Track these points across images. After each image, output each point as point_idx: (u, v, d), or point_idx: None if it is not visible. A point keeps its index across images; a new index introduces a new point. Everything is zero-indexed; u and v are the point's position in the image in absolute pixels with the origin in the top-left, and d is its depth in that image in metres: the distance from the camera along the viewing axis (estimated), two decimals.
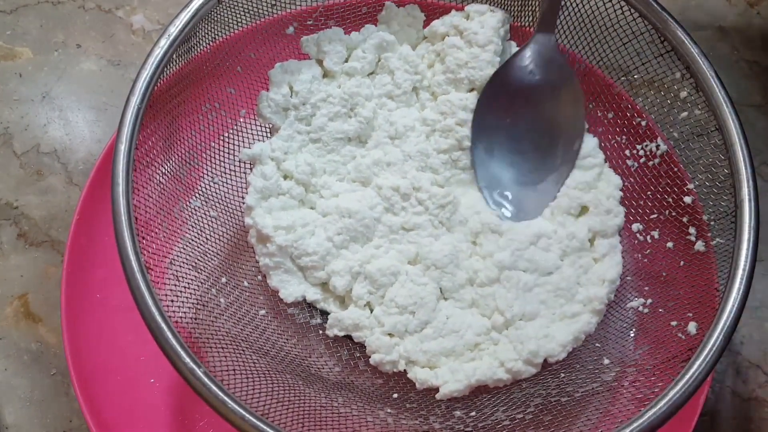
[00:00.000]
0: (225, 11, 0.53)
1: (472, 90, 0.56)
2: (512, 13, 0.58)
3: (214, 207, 0.55)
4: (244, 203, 0.54)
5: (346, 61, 0.57)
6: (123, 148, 0.47)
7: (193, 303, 0.50)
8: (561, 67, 0.56)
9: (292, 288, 0.54)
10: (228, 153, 0.57)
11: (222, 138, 0.56)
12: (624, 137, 0.57)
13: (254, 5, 0.55)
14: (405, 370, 0.52)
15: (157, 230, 0.49)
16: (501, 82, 0.56)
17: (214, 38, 0.54)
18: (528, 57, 0.56)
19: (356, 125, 0.56)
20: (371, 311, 0.53)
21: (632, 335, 0.54)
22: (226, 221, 0.55)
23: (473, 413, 0.51)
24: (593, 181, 0.56)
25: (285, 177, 0.55)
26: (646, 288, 0.55)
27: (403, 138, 0.57)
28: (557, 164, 0.56)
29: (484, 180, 0.57)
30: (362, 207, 0.54)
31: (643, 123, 0.56)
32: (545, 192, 0.56)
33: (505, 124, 0.56)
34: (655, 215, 0.55)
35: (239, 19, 0.55)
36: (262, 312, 0.54)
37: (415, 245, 0.54)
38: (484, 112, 0.56)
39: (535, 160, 0.57)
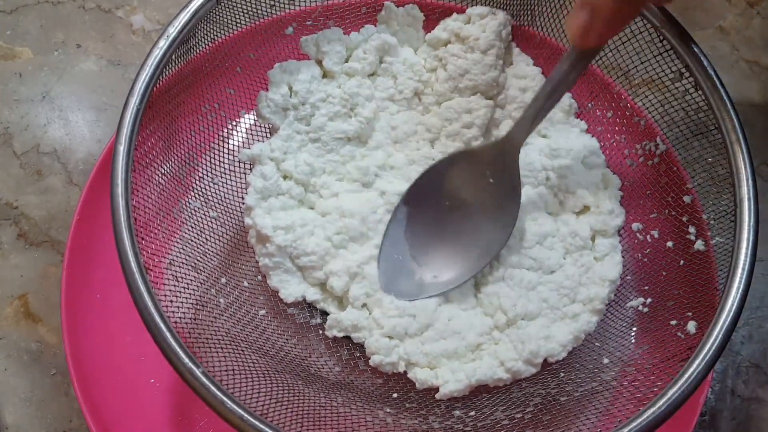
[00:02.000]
0: (224, 12, 0.53)
1: (475, 94, 0.56)
2: (513, 13, 0.58)
3: (213, 207, 0.55)
4: (243, 203, 0.55)
5: (346, 61, 0.57)
6: (122, 148, 0.47)
7: (192, 303, 0.50)
8: (512, 178, 0.53)
9: (291, 288, 0.54)
10: (227, 153, 0.57)
11: (221, 138, 0.57)
12: (623, 136, 0.57)
13: (253, 6, 0.55)
14: (405, 371, 0.52)
15: (156, 231, 0.49)
16: (451, 165, 0.54)
17: (214, 39, 0.54)
18: (487, 155, 0.53)
19: (356, 125, 0.56)
20: (370, 312, 0.53)
21: (632, 334, 0.54)
22: (226, 221, 0.55)
23: (472, 413, 0.51)
24: (600, 182, 0.56)
25: (284, 177, 0.55)
26: (646, 287, 0.55)
27: (404, 143, 0.57)
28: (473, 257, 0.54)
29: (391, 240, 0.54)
30: (363, 208, 0.54)
31: (642, 122, 0.56)
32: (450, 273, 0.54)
33: (438, 203, 0.54)
34: (655, 214, 0.55)
35: (238, 20, 0.55)
36: (262, 312, 0.54)
37: None
38: (423, 186, 0.54)
39: (451, 251, 0.54)
